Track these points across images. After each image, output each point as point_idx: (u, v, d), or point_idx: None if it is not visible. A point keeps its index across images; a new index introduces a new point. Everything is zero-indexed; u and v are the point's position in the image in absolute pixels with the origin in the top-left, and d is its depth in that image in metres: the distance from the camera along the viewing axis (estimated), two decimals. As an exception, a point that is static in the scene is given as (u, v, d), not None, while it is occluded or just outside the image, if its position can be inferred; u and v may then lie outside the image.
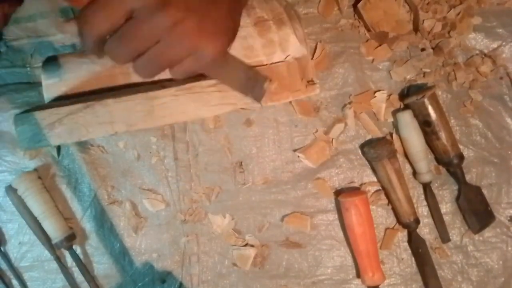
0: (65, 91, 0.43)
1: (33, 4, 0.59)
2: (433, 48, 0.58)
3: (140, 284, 0.60)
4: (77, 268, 0.58)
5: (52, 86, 0.43)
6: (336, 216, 0.59)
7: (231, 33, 0.38)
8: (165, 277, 0.60)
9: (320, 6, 0.59)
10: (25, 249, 0.60)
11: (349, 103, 0.59)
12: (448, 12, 0.57)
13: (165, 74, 0.39)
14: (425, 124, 0.56)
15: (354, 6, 0.57)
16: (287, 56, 0.45)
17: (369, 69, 0.59)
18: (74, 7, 0.59)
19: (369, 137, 0.59)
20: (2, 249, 0.60)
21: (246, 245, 0.59)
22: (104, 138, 0.60)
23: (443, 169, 0.59)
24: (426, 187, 0.58)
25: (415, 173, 0.58)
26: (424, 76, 0.58)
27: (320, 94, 0.59)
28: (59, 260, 0.59)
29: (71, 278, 0.59)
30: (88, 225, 0.60)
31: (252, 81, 0.41)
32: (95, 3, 0.33)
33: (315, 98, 0.59)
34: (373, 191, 0.59)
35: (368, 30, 0.58)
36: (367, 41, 0.58)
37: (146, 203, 0.59)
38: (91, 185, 0.60)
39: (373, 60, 0.59)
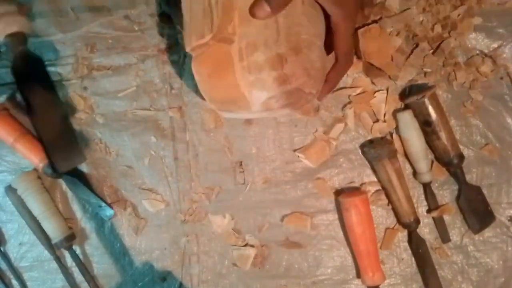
0: None
1: (32, 3, 0.59)
2: (433, 49, 0.58)
3: (140, 284, 0.60)
4: (77, 268, 0.58)
5: None
6: (336, 216, 0.59)
7: None
8: (165, 276, 0.60)
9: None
10: (25, 249, 0.60)
11: (349, 103, 0.59)
12: (451, 12, 0.57)
13: None
14: (425, 124, 0.56)
15: (355, 30, 0.57)
16: None
17: (369, 69, 0.59)
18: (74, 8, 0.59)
19: (369, 137, 0.59)
20: (2, 249, 0.60)
21: (246, 245, 0.59)
22: (106, 138, 0.60)
23: (443, 169, 0.59)
24: (426, 187, 0.58)
25: (415, 173, 0.58)
26: (425, 76, 0.58)
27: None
28: (59, 260, 0.59)
29: (71, 278, 0.59)
30: (88, 225, 0.60)
31: None
32: None
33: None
34: (373, 191, 0.59)
35: (359, 57, 0.58)
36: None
37: (146, 203, 0.59)
38: (91, 185, 0.60)
39: (373, 60, 0.58)
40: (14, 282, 0.60)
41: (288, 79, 0.41)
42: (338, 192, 0.59)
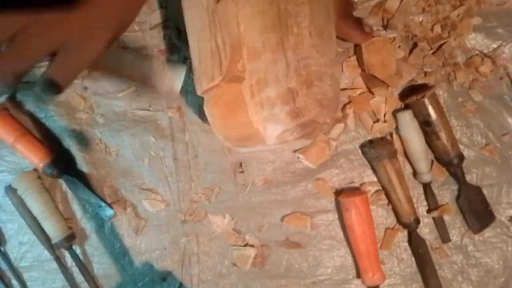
0: None
1: (33, 4, 0.59)
2: (432, 49, 0.58)
3: (140, 284, 0.60)
4: (77, 268, 0.58)
5: None
6: (336, 216, 0.59)
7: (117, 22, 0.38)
8: (165, 276, 0.60)
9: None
10: (25, 249, 0.60)
11: (349, 103, 0.59)
12: (451, 13, 0.57)
13: None
14: (425, 124, 0.56)
15: (357, 44, 0.57)
16: None
17: (369, 69, 0.59)
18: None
19: (369, 137, 0.59)
20: (2, 249, 0.60)
21: (246, 245, 0.59)
22: (106, 138, 0.60)
23: (443, 169, 0.59)
24: (426, 187, 0.58)
25: (415, 173, 0.58)
26: (425, 76, 0.58)
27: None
28: (59, 260, 0.59)
29: (71, 278, 0.59)
30: (88, 225, 0.60)
31: (149, 70, 0.41)
32: None
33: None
34: (373, 191, 0.59)
35: (362, 70, 0.58)
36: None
37: (146, 204, 0.59)
38: (91, 185, 0.60)
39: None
40: (14, 282, 0.60)
41: (301, 112, 0.42)
42: (338, 192, 0.59)
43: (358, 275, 0.58)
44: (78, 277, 0.59)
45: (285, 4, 0.41)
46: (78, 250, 0.59)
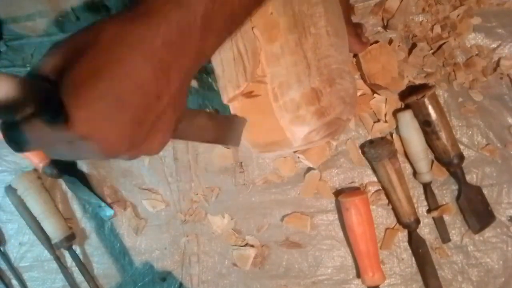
0: None
1: (32, 3, 0.59)
2: (432, 49, 0.58)
3: (140, 284, 0.60)
4: (77, 268, 0.58)
5: None
6: (336, 216, 0.59)
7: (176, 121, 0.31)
8: (165, 276, 0.60)
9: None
10: (25, 249, 0.60)
11: (349, 103, 0.59)
12: (451, 12, 0.57)
13: None
14: (425, 124, 0.56)
15: (356, 54, 0.57)
16: None
17: (369, 69, 0.59)
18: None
19: (369, 137, 0.59)
20: (2, 249, 0.60)
21: (246, 245, 0.59)
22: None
23: (443, 169, 0.59)
24: (426, 187, 0.58)
25: (415, 173, 0.58)
26: (425, 76, 0.58)
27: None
28: (59, 260, 0.59)
29: (71, 278, 0.59)
30: (88, 225, 0.60)
31: (225, 128, 0.41)
32: None
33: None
34: (373, 191, 0.59)
35: (364, 80, 0.58)
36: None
37: (146, 204, 0.59)
38: (91, 185, 0.60)
39: (373, 60, 0.58)
40: (14, 282, 0.60)
41: (326, 111, 0.42)
42: (338, 192, 0.59)
43: (358, 275, 0.58)
44: (78, 277, 0.59)
45: (300, 6, 0.41)
46: (78, 250, 0.60)
